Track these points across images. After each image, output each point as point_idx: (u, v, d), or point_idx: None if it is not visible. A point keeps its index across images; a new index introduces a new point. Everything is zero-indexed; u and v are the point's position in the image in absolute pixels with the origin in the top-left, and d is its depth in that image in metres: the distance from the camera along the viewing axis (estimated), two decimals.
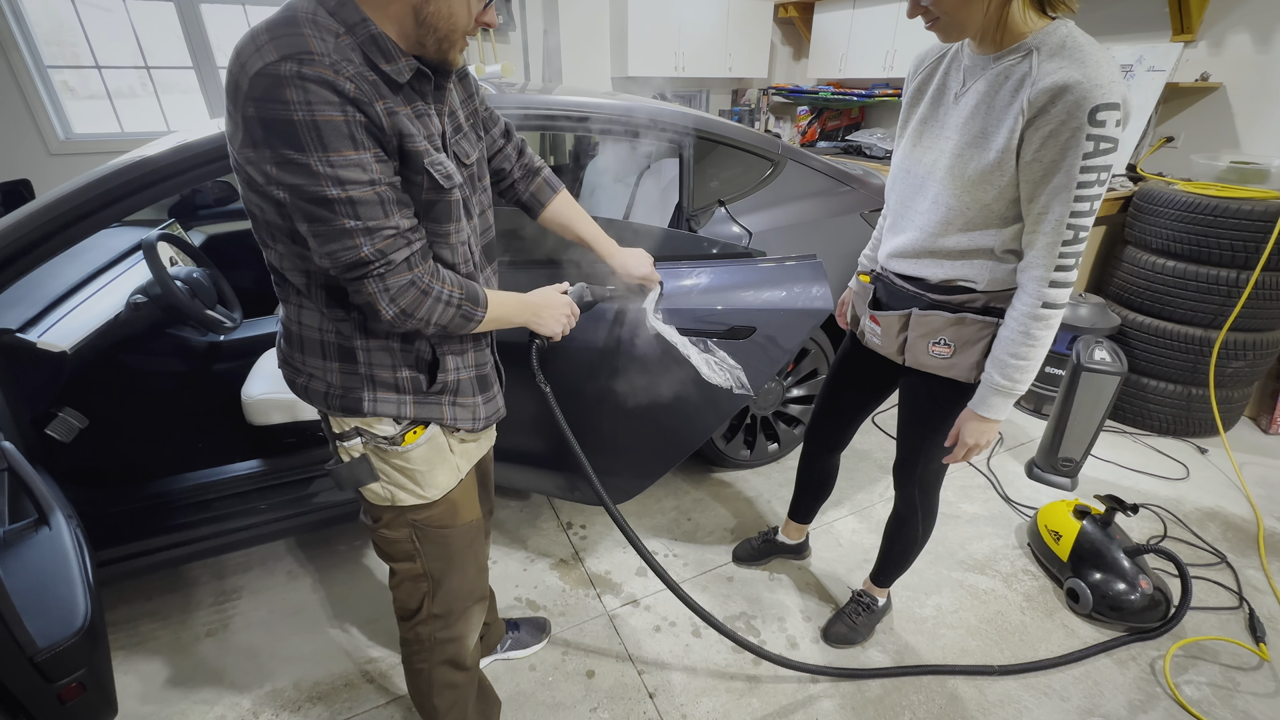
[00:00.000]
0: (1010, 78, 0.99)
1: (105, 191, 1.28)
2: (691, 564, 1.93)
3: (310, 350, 0.91)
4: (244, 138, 0.72)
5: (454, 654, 1.13)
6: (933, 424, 1.30)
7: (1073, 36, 0.95)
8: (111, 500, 1.66)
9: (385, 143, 0.77)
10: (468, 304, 0.89)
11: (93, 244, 1.98)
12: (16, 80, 3.36)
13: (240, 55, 0.72)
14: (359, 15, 0.75)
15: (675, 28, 4.54)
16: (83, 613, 0.89)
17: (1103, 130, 0.91)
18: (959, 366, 1.20)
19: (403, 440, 0.95)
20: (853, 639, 1.64)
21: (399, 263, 0.80)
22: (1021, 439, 2.62)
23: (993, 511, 2.18)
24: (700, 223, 1.98)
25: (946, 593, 1.83)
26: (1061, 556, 1.82)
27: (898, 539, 1.54)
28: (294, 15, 0.73)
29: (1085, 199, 0.96)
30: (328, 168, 0.72)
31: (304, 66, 0.69)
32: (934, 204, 1.13)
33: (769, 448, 2.39)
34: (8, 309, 1.53)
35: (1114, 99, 0.91)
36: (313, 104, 0.69)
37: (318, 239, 0.77)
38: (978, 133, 1.04)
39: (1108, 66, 0.92)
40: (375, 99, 0.75)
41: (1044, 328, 1.06)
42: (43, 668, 0.82)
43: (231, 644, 1.67)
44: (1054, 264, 1.02)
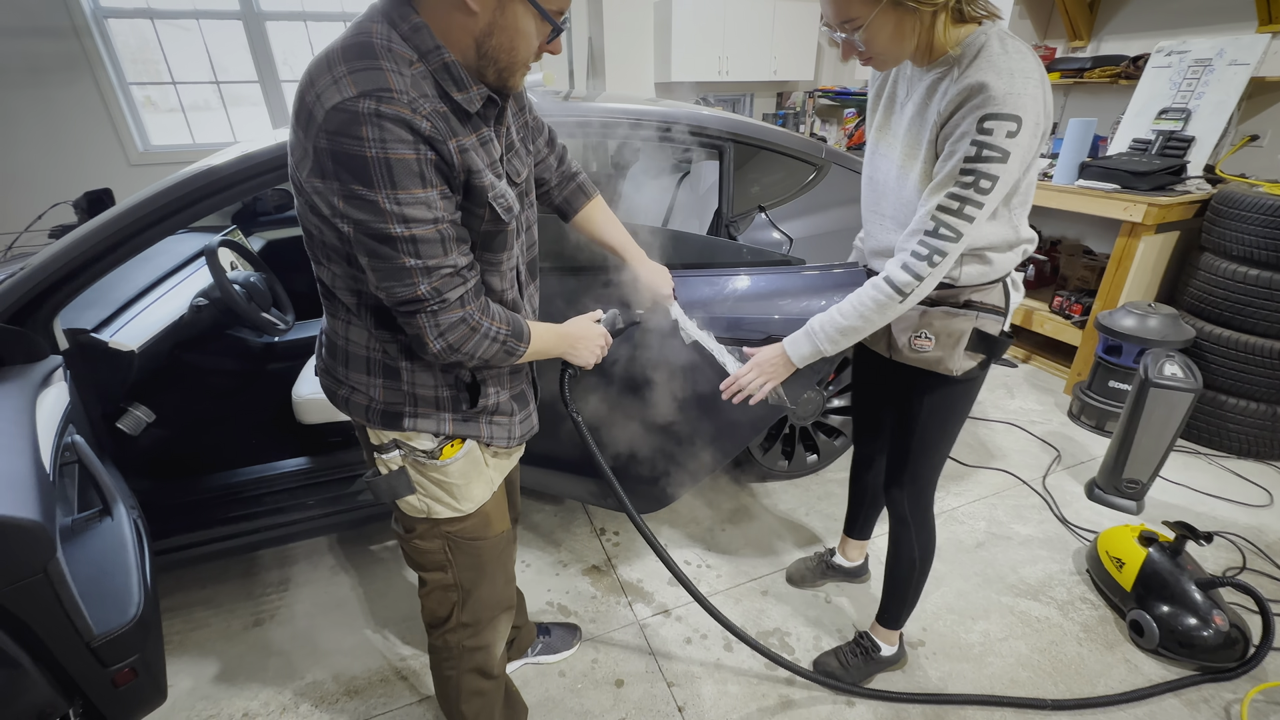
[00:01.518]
0: (937, 90, 1.00)
1: (175, 199, 1.36)
2: (725, 576, 1.90)
3: (355, 365, 0.93)
4: (313, 167, 0.73)
5: (481, 662, 1.14)
6: (920, 421, 1.27)
7: (989, 44, 0.94)
8: (172, 492, 1.75)
9: (452, 179, 0.78)
10: (512, 340, 0.89)
11: (162, 249, 2.10)
12: (102, 97, 3.62)
13: (315, 84, 0.71)
14: (433, 42, 0.74)
15: (719, 31, 4.52)
16: (137, 601, 0.94)
17: (988, 139, 0.92)
18: (944, 360, 1.19)
19: (441, 454, 0.95)
20: (839, 678, 1.53)
21: (453, 301, 0.80)
22: (1082, 457, 2.47)
23: (1048, 534, 2.06)
24: (740, 229, 1.95)
25: (995, 618, 1.74)
26: (1124, 586, 1.70)
27: (895, 566, 1.45)
28: (370, 43, 0.72)
29: (958, 198, 0.97)
30: (394, 205, 0.72)
31: (383, 104, 0.69)
32: (893, 213, 1.14)
33: (808, 459, 2.33)
34: (84, 310, 1.64)
35: (1008, 109, 0.90)
36: (387, 142, 0.69)
37: (377, 273, 0.78)
38: (912, 143, 1.06)
39: (1016, 75, 0.91)
40: (449, 136, 0.75)
41: (877, 308, 1.08)
42: (99, 653, 0.87)
43: (276, 634, 1.73)
44: (910, 248, 1.03)
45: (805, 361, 1.18)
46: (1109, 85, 3.17)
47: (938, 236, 1.00)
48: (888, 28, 0.95)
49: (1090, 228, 3.34)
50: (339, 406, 0.97)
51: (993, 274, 1.13)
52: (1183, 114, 2.71)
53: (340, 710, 1.52)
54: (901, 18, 0.94)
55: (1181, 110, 2.72)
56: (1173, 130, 2.71)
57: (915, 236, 1.02)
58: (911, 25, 0.95)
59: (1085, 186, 2.70)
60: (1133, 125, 2.89)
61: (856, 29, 0.95)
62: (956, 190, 0.96)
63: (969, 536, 2.05)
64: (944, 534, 2.05)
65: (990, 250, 1.11)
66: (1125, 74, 3.03)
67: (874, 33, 0.95)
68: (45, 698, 0.80)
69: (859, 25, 0.95)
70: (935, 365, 1.20)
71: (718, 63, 4.59)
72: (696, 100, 4.67)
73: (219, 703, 1.53)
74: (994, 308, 1.17)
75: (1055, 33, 3.52)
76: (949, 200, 0.97)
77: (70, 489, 1.24)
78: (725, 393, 1.24)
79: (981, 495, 2.25)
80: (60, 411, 1.23)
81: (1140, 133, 2.85)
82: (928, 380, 1.23)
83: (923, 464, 1.31)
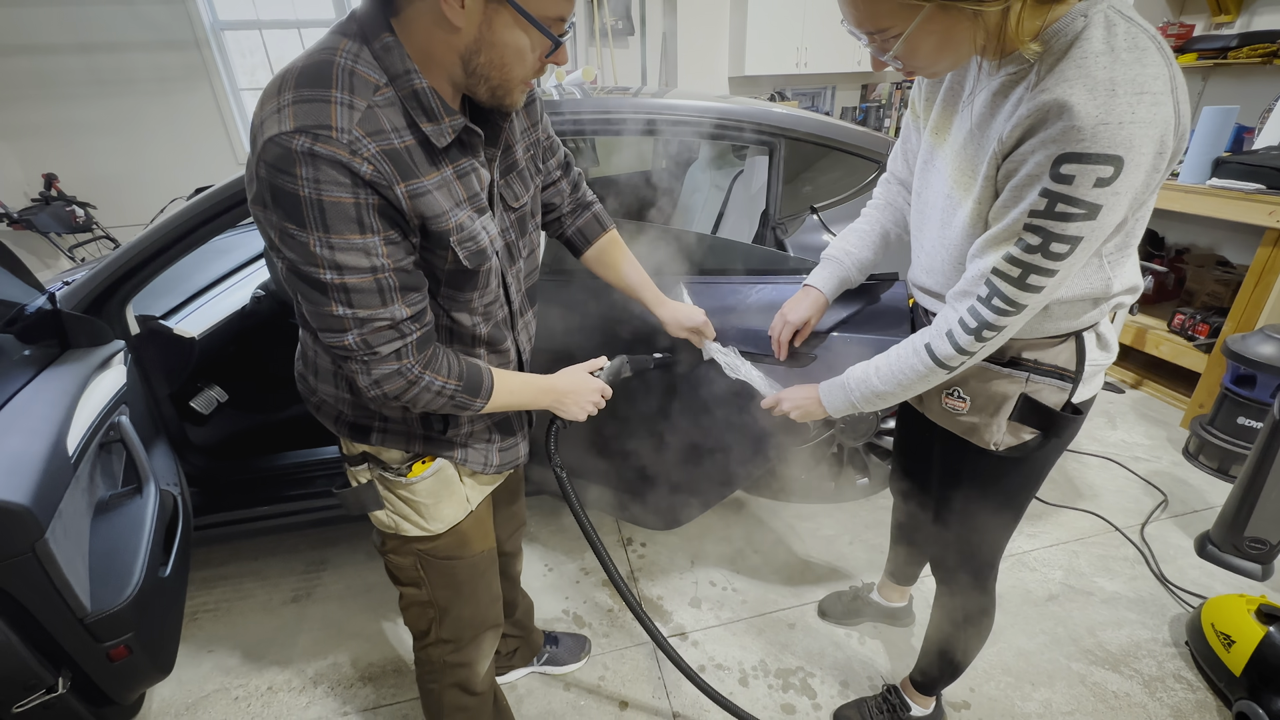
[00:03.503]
0: (1008, 98, 0.72)
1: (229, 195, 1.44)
2: (750, 602, 1.78)
3: (323, 378, 0.91)
4: (255, 194, 0.69)
5: (463, 679, 1.10)
6: (961, 498, 1.05)
7: (1088, 34, 0.64)
8: (230, 470, 1.88)
9: (404, 224, 0.72)
10: (463, 395, 0.83)
11: (235, 244, 2.27)
12: (217, 102, 4.00)
13: (263, 108, 0.67)
14: (403, 65, 0.68)
15: (799, 20, 4.29)
16: (136, 581, 0.99)
17: (1065, 188, 0.66)
18: (978, 429, 0.95)
19: (409, 471, 0.92)
20: None
21: (386, 355, 0.75)
22: (1195, 505, 2.11)
23: (1141, 593, 1.76)
24: (788, 231, 1.82)
25: (1061, 687, 1.50)
26: (1233, 669, 1.41)
27: (939, 633, 1.24)
28: (329, 64, 0.67)
29: (1018, 263, 0.72)
30: (326, 250, 0.67)
31: (317, 143, 0.63)
32: (931, 249, 0.91)
33: (857, 482, 2.14)
34: (157, 298, 1.79)
35: (1100, 148, 0.62)
36: (321, 182, 0.64)
37: (308, 313, 0.74)
38: (964, 168, 0.81)
39: (1120, 92, 0.62)
40: (396, 181, 0.68)
41: (918, 378, 0.86)
42: (92, 629, 0.92)
43: (310, 612, 1.81)
44: (958, 314, 0.79)
45: (840, 414, 1.01)
46: (1259, 67, 2.68)
47: (990, 307, 0.76)
48: (932, 38, 0.69)
49: (1228, 235, 2.85)
50: (312, 411, 0.95)
51: (1058, 328, 0.86)
52: None
53: (353, 695, 1.56)
54: (954, 23, 0.67)
55: None
56: None
57: (965, 300, 0.80)
58: (968, 31, 0.68)
59: (1219, 186, 2.29)
60: None
61: (891, 39, 0.71)
62: (1017, 253, 0.72)
63: (1040, 587, 1.79)
64: (1010, 580, 1.81)
65: (1061, 303, 0.84)
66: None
67: (915, 44, 0.70)
68: (28, 669, 0.86)
69: (894, 35, 0.70)
70: (969, 434, 0.98)
71: (796, 54, 4.37)
72: (770, 95, 4.48)
73: (248, 675, 1.62)
74: (1057, 370, 0.89)
75: (1195, 7, 3.04)
76: (1007, 265, 0.73)
77: (116, 465, 1.34)
78: (765, 405, 1.12)
79: (1061, 540, 1.97)
80: (113, 393, 1.33)
81: None
82: (967, 449, 1.00)
83: (975, 548, 1.09)
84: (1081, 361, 0.89)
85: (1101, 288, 0.82)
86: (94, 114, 3.82)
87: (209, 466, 1.83)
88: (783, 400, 1.08)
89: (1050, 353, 0.89)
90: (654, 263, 1.57)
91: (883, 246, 1.15)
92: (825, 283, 1.15)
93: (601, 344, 1.41)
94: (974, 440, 0.98)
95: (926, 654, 1.31)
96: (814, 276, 1.16)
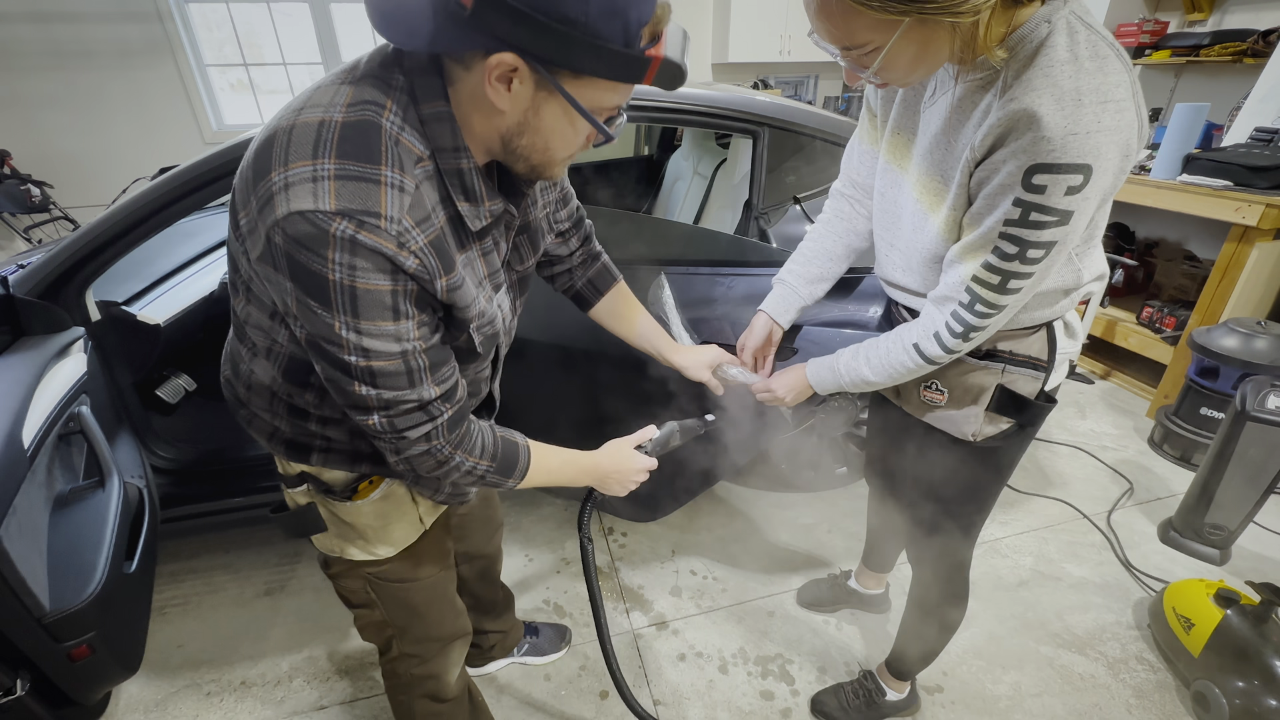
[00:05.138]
0: (975, 106, 0.73)
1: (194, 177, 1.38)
2: (731, 591, 1.79)
3: (258, 393, 0.80)
4: (264, 252, 0.60)
5: (433, 690, 1.06)
6: (936, 490, 1.06)
7: (1052, 41, 0.65)
8: (199, 461, 1.82)
9: (435, 306, 0.67)
10: (495, 475, 0.78)
11: (203, 227, 2.19)
12: (181, 78, 3.84)
13: (289, 159, 0.57)
14: (454, 141, 0.62)
15: (782, 8, 4.27)
16: (98, 579, 0.96)
17: (1039, 198, 0.67)
18: (956, 421, 0.97)
19: (355, 494, 0.84)
20: (837, 719, 1.40)
21: (415, 438, 0.70)
22: (1159, 493, 2.18)
23: (1107, 578, 1.82)
24: (771, 221, 1.81)
25: (1030, 670, 1.55)
26: (1191, 651, 1.47)
27: (913, 619, 1.27)
28: (377, 129, 0.58)
29: (997, 271, 0.74)
30: (353, 334, 0.61)
31: (363, 231, 0.56)
32: (905, 249, 0.91)
33: (836, 471, 2.16)
34: (119, 283, 1.72)
35: (1070, 158, 0.64)
36: (357, 270, 0.57)
37: (330, 387, 0.67)
38: (932, 174, 0.81)
39: (1086, 101, 0.63)
40: (439, 275, 0.63)
41: (907, 372, 0.89)
42: (51, 629, 0.89)
43: (284, 605, 1.78)
44: (944, 320, 0.81)
45: (827, 392, 1.02)
46: (1230, 65, 2.74)
47: (973, 312, 0.78)
48: (911, 49, 0.68)
49: (1195, 230, 2.93)
50: (242, 425, 0.85)
51: (1033, 319, 0.89)
52: None
53: (329, 689, 1.54)
54: (931, 35, 0.66)
55: None
56: None
57: (947, 304, 0.82)
58: (945, 40, 0.67)
59: (1189, 182, 2.35)
60: (1256, 112, 2.48)
61: (869, 54, 0.69)
62: (995, 261, 0.73)
63: (1011, 573, 1.84)
64: (982, 567, 1.85)
65: (1036, 295, 0.87)
66: (1252, 51, 2.60)
67: (893, 57, 0.69)
68: None
69: (872, 49, 0.68)
70: (948, 426, 0.99)
71: (779, 42, 4.34)
72: (754, 83, 4.46)
73: (220, 670, 1.59)
74: (1030, 360, 0.92)
75: (1170, 4, 3.08)
76: (986, 272, 0.75)
77: (77, 457, 1.29)
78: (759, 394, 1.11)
79: (1032, 527, 2.02)
80: (72, 382, 1.27)
81: (1266, 120, 2.44)
82: (943, 441, 1.02)
83: (946, 535, 1.11)
84: (1053, 350, 0.92)
85: (1073, 279, 0.85)
86: (50, 88, 3.64)
87: (177, 457, 1.77)
88: (774, 387, 1.08)
89: (1024, 343, 0.92)
90: (635, 253, 1.56)
91: (844, 260, 1.13)
92: (776, 309, 1.14)
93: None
94: (952, 431, 0.99)
95: (902, 640, 1.34)
96: (767, 302, 1.16)
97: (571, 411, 1.61)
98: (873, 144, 0.99)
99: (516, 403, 1.34)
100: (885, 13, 0.62)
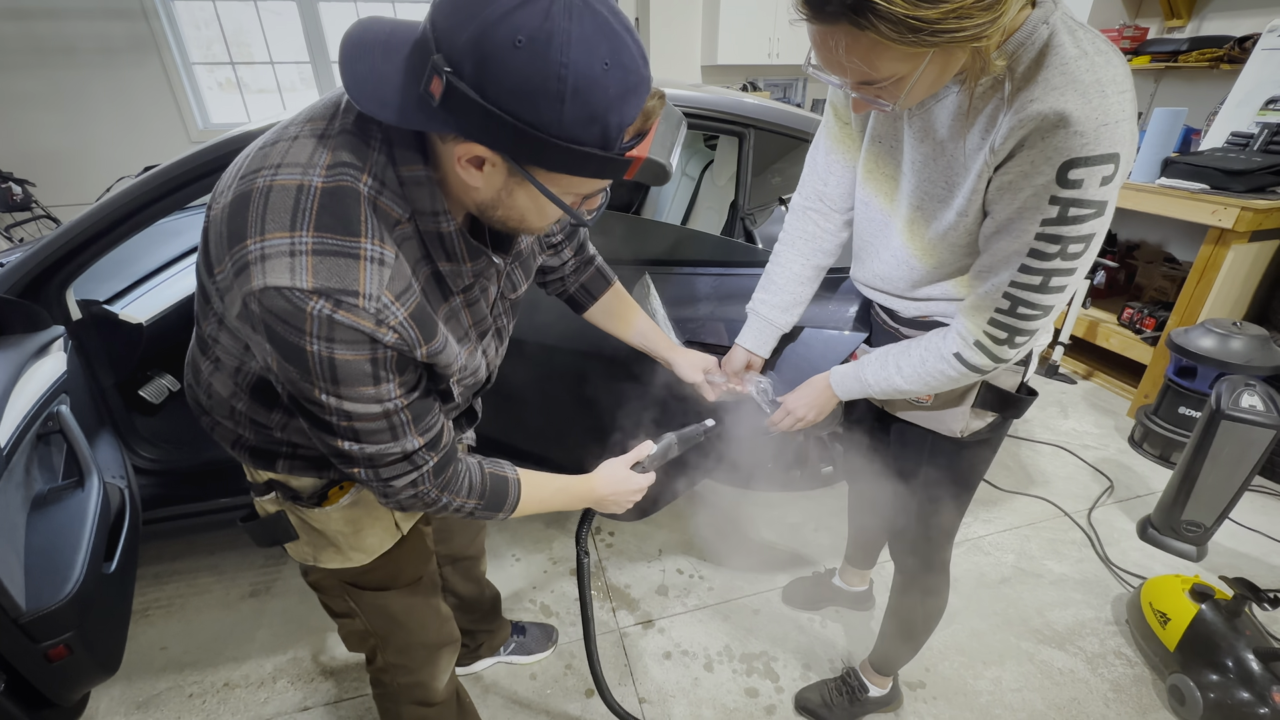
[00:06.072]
0: (981, 110, 0.73)
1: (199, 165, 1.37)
2: (717, 589, 1.80)
3: (217, 402, 0.78)
4: (241, 313, 0.59)
5: (420, 696, 1.05)
6: (919, 487, 1.08)
7: (1056, 41, 0.66)
8: (183, 461, 1.81)
9: (418, 366, 0.68)
10: (483, 511, 0.79)
11: (187, 226, 2.17)
12: (167, 76, 3.81)
13: (266, 224, 0.55)
14: (433, 205, 0.61)
15: (771, 12, 4.29)
16: (76, 578, 0.95)
17: (1076, 193, 0.67)
18: (944, 420, 0.98)
19: (324, 500, 0.82)
20: (821, 716, 1.41)
21: (400, 487, 0.70)
22: (1139, 490, 2.21)
23: (1087, 575, 1.85)
24: (757, 221, 1.83)
25: (1011, 665, 1.57)
26: (1167, 645, 1.49)
27: (896, 615, 1.29)
28: (355, 196, 0.57)
29: (1038, 272, 0.74)
30: (334, 399, 0.61)
31: (340, 310, 0.56)
32: (897, 260, 0.92)
33: (822, 470, 2.18)
34: (101, 282, 1.70)
35: (1104, 148, 0.64)
36: (335, 343, 0.57)
37: (313, 436, 0.68)
38: (940, 181, 0.81)
39: (1109, 91, 0.64)
40: (419, 345, 0.63)
41: (949, 381, 0.89)
42: (28, 629, 0.88)
43: (269, 607, 1.77)
44: (982, 329, 0.81)
45: (850, 397, 1.03)
46: (1207, 70, 2.79)
47: (1017, 316, 0.77)
48: (932, 73, 0.67)
49: (1175, 233, 2.98)
50: (206, 431, 0.83)
51: None
52: None
53: (314, 689, 1.53)
54: (951, 56, 0.65)
55: None
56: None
57: (982, 313, 0.81)
58: (961, 57, 0.66)
59: (1167, 186, 2.39)
60: (1233, 117, 2.53)
61: (892, 85, 0.68)
62: (1034, 264, 0.73)
63: (993, 570, 1.86)
64: (965, 564, 1.87)
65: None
66: (1228, 57, 2.65)
67: (917, 85, 0.67)
68: None
69: (896, 80, 0.67)
70: (935, 425, 1.01)
71: (768, 45, 4.37)
72: (742, 85, 4.48)
73: (203, 671, 1.58)
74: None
75: (1150, 10, 3.14)
76: (1026, 276, 0.74)
77: (56, 457, 1.28)
78: (777, 427, 1.11)
79: (1014, 525, 2.05)
80: (50, 382, 1.26)
81: (1241, 125, 2.49)
82: (926, 438, 1.04)
83: (931, 532, 1.13)
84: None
85: None
86: (32, 85, 3.59)
87: (161, 457, 1.76)
88: (792, 410, 1.08)
89: None
90: (621, 254, 1.57)
91: (813, 281, 1.13)
92: (754, 342, 1.15)
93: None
94: (939, 430, 1.01)
95: (884, 636, 1.35)
96: (743, 336, 1.17)
97: (558, 413, 1.62)
98: (844, 154, 1.00)
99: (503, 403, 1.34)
100: (916, 46, 0.60)
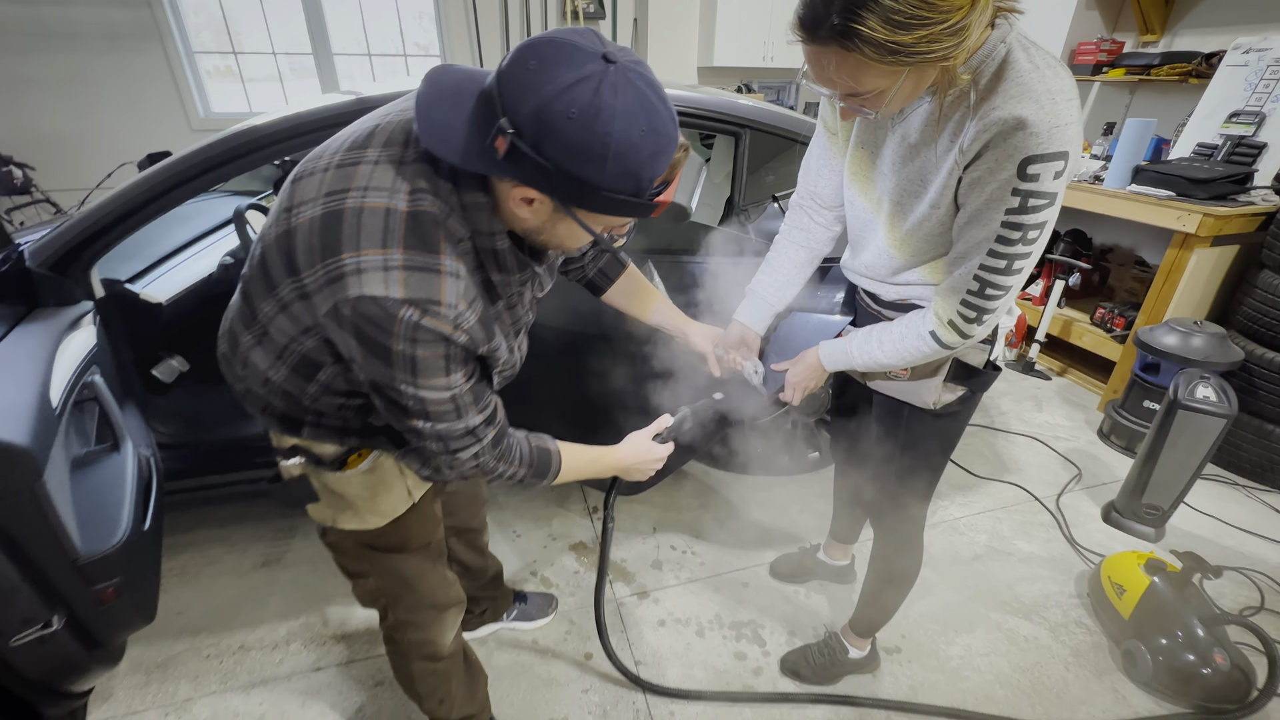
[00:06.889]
0: (950, 117, 0.85)
1: (208, 158, 1.46)
2: (708, 564, 1.91)
3: (252, 373, 0.85)
4: (330, 313, 0.69)
5: (429, 652, 1.13)
6: (897, 455, 1.19)
7: (1012, 58, 0.78)
8: (196, 437, 1.88)
9: (477, 359, 0.79)
10: (532, 478, 0.91)
11: (202, 210, 2.24)
12: (169, 64, 3.83)
13: (360, 242, 0.66)
14: (491, 227, 0.72)
15: (766, 16, 4.40)
16: (124, 528, 1.03)
17: (1034, 185, 0.79)
18: (918, 392, 1.09)
19: (345, 465, 0.90)
20: (804, 677, 1.53)
21: (465, 459, 0.82)
22: (1105, 478, 2.35)
23: (1053, 553, 1.98)
24: (751, 218, 1.93)
25: (980, 633, 1.69)
26: (1123, 614, 1.62)
27: (874, 579, 1.41)
28: (434, 221, 0.68)
29: (1003, 256, 0.86)
30: (411, 388, 0.72)
31: (425, 317, 0.67)
32: (880, 252, 1.04)
33: (809, 455, 2.29)
34: (122, 262, 1.77)
35: (1055, 147, 0.76)
36: (418, 343, 0.68)
37: (388, 415, 0.79)
38: (915, 178, 0.93)
39: (1058, 99, 0.76)
40: (483, 344, 0.75)
41: (922, 357, 1.01)
42: (84, 571, 0.96)
43: (281, 576, 1.84)
44: (955, 309, 0.93)
45: (836, 368, 1.14)
46: (1178, 84, 2.94)
47: (984, 296, 0.90)
48: (908, 87, 0.79)
49: (1145, 237, 3.13)
50: (237, 398, 0.90)
51: None
52: (1256, 118, 2.50)
53: (326, 650, 1.61)
54: (924, 72, 0.77)
55: (1255, 114, 2.50)
56: (1243, 135, 2.50)
57: (955, 295, 0.93)
58: (933, 73, 0.78)
59: (1137, 192, 2.53)
60: (1199, 128, 2.68)
61: (873, 97, 0.79)
62: (1000, 248, 0.85)
63: (967, 549, 1.98)
64: (940, 543, 1.99)
65: None
66: (1196, 72, 2.81)
67: (895, 97, 0.79)
68: (29, 604, 0.89)
69: (876, 93, 0.78)
70: (909, 396, 1.12)
71: (763, 48, 4.49)
72: (738, 87, 4.59)
73: (219, 635, 1.65)
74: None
75: (1126, 25, 3.28)
76: (993, 260, 0.86)
77: (89, 423, 1.35)
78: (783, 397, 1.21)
79: (988, 508, 2.17)
80: (84, 353, 1.33)
81: (1207, 137, 2.64)
82: (903, 410, 1.14)
83: (906, 496, 1.24)
84: (995, 326, 1.07)
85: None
86: (34, 69, 3.60)
87: (172, 433, 1.82)
88: (791, 386, 1.18)
89: None
90: (627, 244, 1.66)
91: (809, 266, 1.23)
92: (751, 317, 1.24)
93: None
94: (914, 402, 1.12)
95: (863, 601, 1.47)
96: (740, 312, 1.25)
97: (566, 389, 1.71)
98: (832, 159, 1.12)
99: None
100: (895, 65, 0.73)
